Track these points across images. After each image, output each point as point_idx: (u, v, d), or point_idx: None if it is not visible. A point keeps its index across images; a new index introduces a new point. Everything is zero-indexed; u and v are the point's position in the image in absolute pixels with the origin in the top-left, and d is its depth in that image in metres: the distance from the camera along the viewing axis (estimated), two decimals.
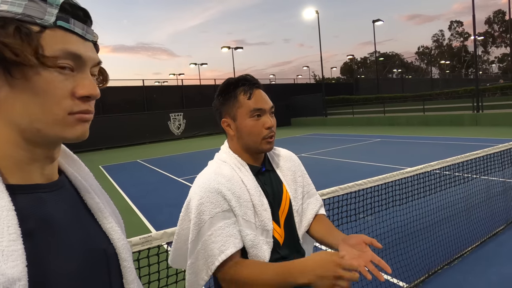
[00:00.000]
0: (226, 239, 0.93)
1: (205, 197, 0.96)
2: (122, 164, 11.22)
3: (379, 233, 2.87)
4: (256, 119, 1.03)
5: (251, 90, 1.04)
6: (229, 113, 1.06)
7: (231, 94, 1.05)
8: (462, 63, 60.58)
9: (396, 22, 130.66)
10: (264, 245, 1.00)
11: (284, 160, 1.17)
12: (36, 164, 0.50)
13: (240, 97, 1.04)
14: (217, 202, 0.96)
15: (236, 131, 1.06)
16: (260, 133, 1.03)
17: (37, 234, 0.45)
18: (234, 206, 0.97)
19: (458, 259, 2.93)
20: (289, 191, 1.12)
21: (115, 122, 18.01)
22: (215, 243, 0.92)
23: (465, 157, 3.11)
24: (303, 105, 25.20)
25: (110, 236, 0.56)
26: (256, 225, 0.99)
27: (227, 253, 0.92)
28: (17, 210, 0.43)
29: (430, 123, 16.38)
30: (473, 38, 16.18)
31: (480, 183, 4.05)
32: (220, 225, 0.94)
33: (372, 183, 2.30)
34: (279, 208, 1.07)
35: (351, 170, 7.27)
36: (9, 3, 0.44)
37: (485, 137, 10.62)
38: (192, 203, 0.99)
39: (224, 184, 0.98)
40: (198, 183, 1.02)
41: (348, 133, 15.91)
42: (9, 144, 0.47)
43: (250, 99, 1.03)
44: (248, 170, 1.06)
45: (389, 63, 55.32)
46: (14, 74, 0.44)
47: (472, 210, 3.79)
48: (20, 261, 0.40)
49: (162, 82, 36.04)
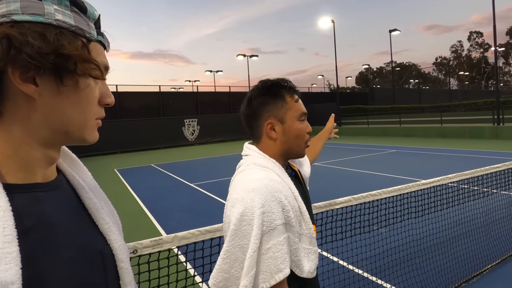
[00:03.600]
0: (285, 257, 0.82)
1: (266, 205, 0.83)
2: (137, 168, 11.39)
3: (393, 246, 2.80)
4: (303, 123, 1.02)
5: (296, 93, 1.03)
6: (275, 115, 0.98)
7: (277, 95, 0.99)
8: (481, 75, 59.16)
9: (413, 32, 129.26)
10: (312, 254, 0.93)
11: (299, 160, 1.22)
12: (42, 164, 0.50)
13: (288, 99, 0.99)
14: (278, 213, 0.84)
15: (281, 134, 0.99)
16: (304, 137, 1.02)
17: (33, 234, 0.44)
18: (291, 217, 0.87)
19: (476, 277, 2.81)
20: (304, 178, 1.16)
21: (131, 126, 18.35)
22: (273, 259, 0.80)
23: (484, 170, 3.00)
24: (317, 113, 24.90)
25: (107, 236, 0.56)
26: (306, 235, 0.92)
27: (285, 272, 0.81)
28: (14, 210, 0.42)
29: (448, 135, 15.98)
30: (494, 49, 15.79)
31: (500, 198, 3.90)
32: (280, 240, 0.82)
33: (387, 194, 2.24)
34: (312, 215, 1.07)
35: (365, 180, 7.14)
36: (61, 13, 0.46)
37: (506, 151, 10.26)
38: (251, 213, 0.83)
39: (283, 193, 0.88)
40: (252, 189, 0.85)
41: (362, 143, 15.69)
42: (23, 145, 0.47)
43: (298, 102, 1.02)
44: (288, 176, 0.99)
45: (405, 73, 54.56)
46: (66, 82, 0.47)
47: (491, 226, 3.64)
48: (14, 264, 0.39)
49: (178, 88, 36.60)
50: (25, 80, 0.44)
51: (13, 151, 0.46)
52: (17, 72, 0.43)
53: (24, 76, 0.43)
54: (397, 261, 2.83)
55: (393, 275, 2.64)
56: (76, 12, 0.48)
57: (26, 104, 0.45)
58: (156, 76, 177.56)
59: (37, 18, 0.44)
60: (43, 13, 0.44)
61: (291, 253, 0.86)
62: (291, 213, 0.87)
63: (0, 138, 0.46)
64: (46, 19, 0.44)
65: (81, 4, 0.49)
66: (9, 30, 0.42)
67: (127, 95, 20.05)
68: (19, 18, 0.43)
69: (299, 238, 0.89)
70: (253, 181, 0.88)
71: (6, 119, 0.46)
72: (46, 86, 0.45)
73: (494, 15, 14.90)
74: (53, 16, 0.45)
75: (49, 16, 0.45)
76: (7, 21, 0.42)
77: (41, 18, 0.44)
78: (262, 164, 0.96)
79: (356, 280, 2.59)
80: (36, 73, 0.44)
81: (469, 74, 60.18)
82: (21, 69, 0.43)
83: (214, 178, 8.10)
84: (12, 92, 0.44)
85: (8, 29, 0.42)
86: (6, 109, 0.45)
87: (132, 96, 20.21)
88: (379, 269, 2.72)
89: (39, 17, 0.44)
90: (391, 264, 2.76)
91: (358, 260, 2.49)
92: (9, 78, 0.43)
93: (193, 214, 5.34)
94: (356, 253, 2.44)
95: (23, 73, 0.43)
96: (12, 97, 0.45)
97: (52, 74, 0.45)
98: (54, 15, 0.45)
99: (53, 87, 0.46)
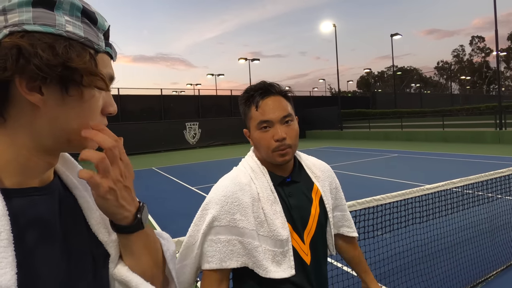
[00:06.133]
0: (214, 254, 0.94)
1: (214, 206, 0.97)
2: (137, 171, 11.37)
3: (397, 252, 2.76)
4: (264, 131, 0.96)
5: (259, 100, 0.97)
6: (246, 124, 1.04)
7: (246, 105, 1.01)
8: (483, 79, 59.17)
9: (414, 37, 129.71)
10: (279, 256, 0.94)
11: (321, 170, 1.12)
12: (40, 169, 0.50)
13: (252, 108, 0.98)
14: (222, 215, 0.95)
15: (253, 143, 1.03)
16: (268, 146, 0.96)
17: (29, 238, 0.45)
18: (237, 219, 0.94)
19: (481, 284, 2.77)
20: (326, 202, 1.06)
21: (133, 129, 18.36)
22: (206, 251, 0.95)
23: (489, 175, 2.96)
24: (318, 117, 25.08)
25: (98, 238, 0.56)
26: (269, 237, 0.94)
27: (210, 266, 0.93)
28: (11, 215, 0.43)
29: (450, 139, 15.93)
30: (496, 54, 15.79)
31: (505, 204, 3.86)
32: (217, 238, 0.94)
33: (391, 199, 2.22)
34: (305, 224, 1.01)
35: (366, 185, 7.10)
36: (72, 25, 0.47)
37: (508, 156, 10.20)
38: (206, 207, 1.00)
39: (239, 196, 0.96)
40: (214, 188, 1.01)
41: (364, 147, 15.65)
42: (24, 151, 0.47)
43: (257, 110, 0.97)
44: (267, 176, 1.01)
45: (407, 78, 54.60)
46: (72, 92, 0.47)
47: (496, 232, 3.60)
48: (9, 269, 0.40)
49: (179, 91, 36.70)
50: (31, 89, 0.44)
51: (13, 156, 0.47)
52: (24, 82, 0.43)
53: (30, 85, 0.44)
54: (401, 267, 2.79)
55: (398, 281, 2.60)
56: (86, 23, 0.48)
57: (31, 111, 0.46)
58: (158, 79, 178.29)
59: (47, 29, 0.44)
60: (54, 24, 0.45)
61: (248, 253, 0.93)
62: (237, 216, 0.93)
63: (2, 143, 0.46)
64: (56, 30, 0.45)
65: (92, 15, 0.49)
66: (19, 41, 0.42)
67: (129, 98, 20.09)
68: (30, 28, 0.43)
69: (259, 239, 0.94)
70: (220, 181, 1.03)
71: (9, 125, 0.46)
72: (51, 96, 0.46)
73: (496, 19, 14.92)
74: (64, 28, 0.45)
75: (60, 27, 0.45)
76: (18, 31, 0.43)
77: (51, 29, 0.44)
78: (241, 164, 1.07)
79: (356, 282, 2.55)
80: (42, 83, 0.44)
81: (470, 79, 60.22)
82: (28, 78, 0.43)
83: (215, 181, 8.02)
84: (17, 99, 0.45)
85: (18, 40, 0.42)
86: (10, 116, 0.45)
87: (134, 99, 20.25)
88: (384, 275, 2.68)
89: (49, 28, 0.44)
90: (395, 270, 2.72)
91: None
92: (16, 86, 0.44)
93: (194, 218, 5.31)
94: None
95: (30, 82, 0.44)
96: (17, 104, 0.45)
97: (58, 84, 0.46)
98: (65, 27, 0.45)
99: (58, 96, 0.46)
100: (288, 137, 0.96)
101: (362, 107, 28.86)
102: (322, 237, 1.06)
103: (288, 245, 0.95)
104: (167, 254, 0.62)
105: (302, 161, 1.11)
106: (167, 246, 0.63)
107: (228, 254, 0.93)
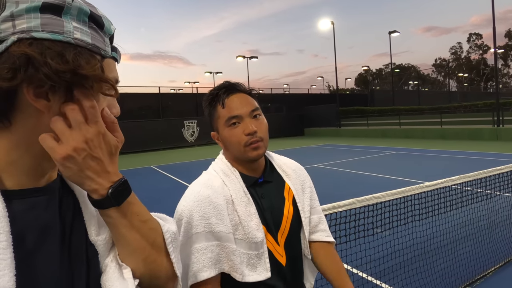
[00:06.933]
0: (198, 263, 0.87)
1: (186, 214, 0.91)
2: (136, 169, 11.35)
3: (396, 249, 2.76)
4: (234, 127, 0.95)
5: (224, 98, 0.97)
6: (213, 126, 1.02)
7: (211, 106, 1.00)
8: (481, 76, 59.34)
9: (412, 34, 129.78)
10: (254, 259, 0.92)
11: (293, 169, 1.10)
12: (43, 171, 0.50)
13: (218, 107, 0.98)
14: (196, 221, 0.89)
15: (223, 143, 1.01)
16: (239, 141, 0.95)
17: (28, 239, 0.45)
18: (213, 223, 0.90)
19: (480, 280, 2.78)
20: (298, 201, 1.04)
21: (131, 128, 18.29)
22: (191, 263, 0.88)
23: (488, 172, 2.97)
24: (316, 115, 25.09)
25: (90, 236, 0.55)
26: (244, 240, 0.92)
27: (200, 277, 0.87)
28: (10, 216, 0.43)
29: (448, 136, 15.98)
30: (494, 51, 15.82)
31: (504, 200, 3.87)
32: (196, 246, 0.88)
33: (390, 196, 2.22)
34: (279, 225, 0.99)
35: (365, 182, 7.11)
36: (79, 31, 0.46)
37: (506, 152, 10.25)
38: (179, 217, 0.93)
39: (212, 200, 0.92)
40: (185, 196, 0.96)
41: (362, 144, 15.67)
42: (27, 154, 0.47)
43: (224, 107, 0.96)
44: (238, 177, 0.99)
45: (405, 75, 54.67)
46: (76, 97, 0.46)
47: (495, 228, 3.61)
48: (8, 271, 0.40)
49: (178, 89, 36.60)
50: (38, 96, 0.44)
51: (16, 159, 0.47)
52: (31, 89, 0.43)
53: (37, 92, 0.44)
54: (401, 264, 2.79)
55: (397, 278, 2.61)
56: (93, 28, 0.48)
57: (36, 116, 0.46)
58: (156, 77, 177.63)
59: (56, 36, 0.43)
60: (62, 31, 0.44)
61: (226, 257, 0.90)
62: (213, 220, 0.89)
63: (7, 146, 0.46)
64: (64, 38, 0.44)
65: (99, 20, 0.49)
66: (28, 49, 0.41)
67: (127, 97, 20.01)
68: (38, 36, 0.42)
69: (235, 242, 0.91)
70: (189, 187, 0.99)
71: (15, 128, 0.46)
72: (57, 101, 0.46)
73: (493, 17, 14.93)
74: (72, 35, 0.45)
75: (68, 34, 0.44)
76: (26, 37, 0.42)
77: (60, 37, 0.44)
78: (212, 168, 1.05)
79: (361, 284, 2.56)
80: (50, 90, 0.44)
81: (468, 76, 60.38)
82: (35, 86, 0.43)
83: None
84: (23, 105, 0.45)
85: (27, 48, 0.41)
86: (17, 120, 0.45)
87: (132, 97, 20.16)
88: (383, 272, 2.69)
89: (58, 36, 0.44)
90: (395, 268, 2.72)
91: (362, 263, 2.46)
92: (23, 92, 0.43)
93: None
94: (359, 256, 2.41)
95: (37, 89, 0.43)
96: (24, 109, 0.45)
97: (65, 91, 0.46)
98: (73, 34, 0.45)
99: (63, 102, 0.46)
100: (259, 130, 0.95)
101: (360, 105, 28.87)
102: (297, 238, 1.04)
103: (263, 247, 0.93)
104: (167, 235, 0.58)
105: (273, 161, 1.10)
106: (167, 227, 0.59)
107: (208, 263, 0.87)
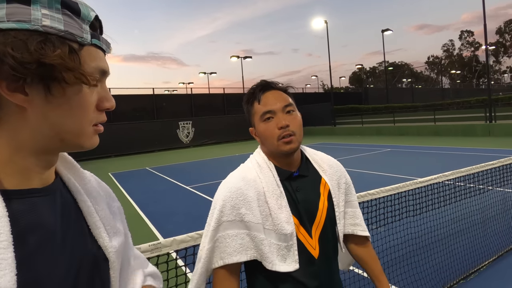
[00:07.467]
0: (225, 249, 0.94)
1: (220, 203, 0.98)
2: (131, 171, 11.29)
3: (391, 245, 2.79)
4: (268, 121, 1.00)
5: (260, 94, 1.03)
6: (251, 122, 1.07)
7: (249, 103, 1.06)
8: (473, 73, 59.97)
9: (405, 32, 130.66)
10: (283, 250, 0.95)
11: (329, 165, 1.13)
12: (38, 170, 0.50)
13: (254, 104, 1.04)
14: (227, 210, 0.96)
15: (260, 138, 1.06)
16: (273, 135, 0.99)
17: (29, 239, 0.44)
18: (243, 214, 0.95)
19: (474, 274, 2.82)
20: (333, 196, 1.07)
21: (125, 130, 18.22)
22: (218, 248, 0.95)
23: (480, 168, 3.01)
24: (311, 114, 25.15)
25: (98, 241, 0.55)
26: (274, 231, 0.95)
27: (225, 262, 0.94)
28: (10, 216, 0.42)
29: (441, 133, 16.13)
30: (485, 48, 15.99)
31: (496, 195, 3.93)
32: (227, 233, 0.95)
33: (384, 193, 2.24)
34: (313, 219, 1.02)
35: (360, 180, 7.15)
36: (49, 18, 0.44)
37: (498, 148, 10.37)
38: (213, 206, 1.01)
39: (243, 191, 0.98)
40: (221, 185, 1.03)
41: (357, 142, 15.76)
42: (18, 152, 0.47)
43: (260, 103, 1.02)
44: (273, 170, 1.02)
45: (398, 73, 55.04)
46: (54, 91, 0.45)
47: (488, 223, 3.66)
48: (9, 270, 0.39)
49: (172, 90, 36.49)
50: (14, 90, 0.42)
51: (9, 158, 0.46)
52: (3, 83, 0.42)
53: (12, 86, 0.42)
54: (395, 260, 2.82)
55: (392, 274, 2.63)
56: (68, 15, 0.45)
57: (19, 112, 0.44)
58: (150, 79, 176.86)
59: (22, 25, 0.41)
60: (29, 19, 0.42)
61: (256, 246, 0.95)
62: (243, 210, 0.95)
63: None
64: (32, 26, 0.42)
65: (74, 6, 0.46)
66: None
67: (121, 98, 19.89)
68: (4, 26, 0.41)
69: (264, 232, 0.95)
70: (226, 178, 1.04)
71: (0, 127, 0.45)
72: (36, 95, 0.44)
73: (484, 14, 15.10)
74: (40, 22, 0.42)
75: (36, 22, 0.42)
76: None
77: (26, 25, 0.42)
78: (249, 160, 1.09)
79: (356, 280, 2.58)
80: (24, 83, 0.42)
81: (460, 73, 60.98)
82: (7, 80, 0.41)
83: (210, 180, 8.01)
84: (4, 101, 0.43)
85: None
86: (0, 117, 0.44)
87: (126, 99, 20.05)
88: None
89: (24, 24, 0.41)
90: (390, 263, 2.75)
91: None
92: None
93: (189, 217, 5.30)
94: None
95: (11, 83, 0.42)
96: (4, 105, 0.44)
97: (41, 83, 0.44)
98: (41, 21, 0.43)
99: (42, 96, 0.44)
100: (292, 125, 0.99)
101: (354, 103, 29.05)
102: (332, 232, 1.06)
103: (293, 240, 0.96)
104: None
105: (309, 156, 1.13)
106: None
107: (238, 248, 0.94)
